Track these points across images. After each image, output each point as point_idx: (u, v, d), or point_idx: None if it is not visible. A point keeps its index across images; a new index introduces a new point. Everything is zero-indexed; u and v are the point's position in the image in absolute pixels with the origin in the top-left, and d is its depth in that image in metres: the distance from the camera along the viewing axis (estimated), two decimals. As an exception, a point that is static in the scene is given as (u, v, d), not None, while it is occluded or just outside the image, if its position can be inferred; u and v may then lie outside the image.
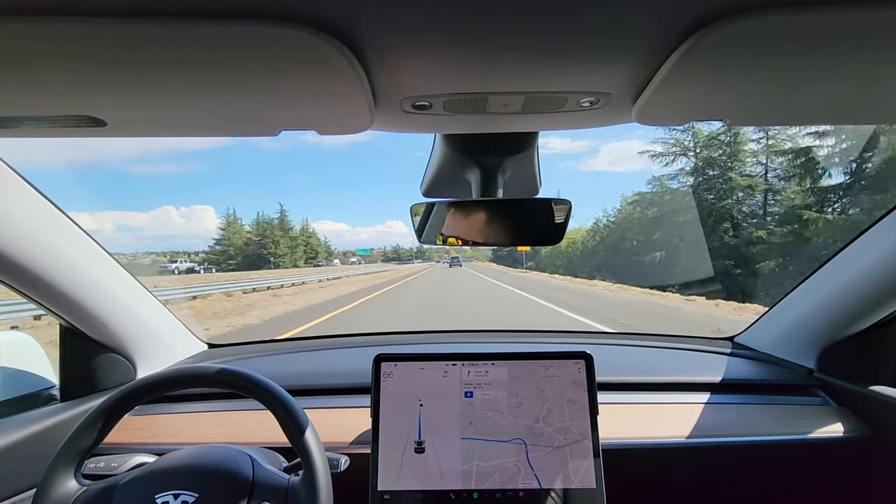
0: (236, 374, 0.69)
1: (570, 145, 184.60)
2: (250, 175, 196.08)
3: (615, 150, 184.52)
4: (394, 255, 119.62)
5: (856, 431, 0.95)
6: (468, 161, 0.80)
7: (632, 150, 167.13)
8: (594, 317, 8.65)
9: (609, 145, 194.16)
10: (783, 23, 0.37)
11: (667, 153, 21.74)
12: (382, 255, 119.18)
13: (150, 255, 66.46)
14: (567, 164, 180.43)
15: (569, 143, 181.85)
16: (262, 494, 0.65)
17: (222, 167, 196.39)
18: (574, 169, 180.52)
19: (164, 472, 0.67)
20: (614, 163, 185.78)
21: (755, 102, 0.53)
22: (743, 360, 1.21)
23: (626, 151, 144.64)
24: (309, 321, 8.80)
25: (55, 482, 0.63)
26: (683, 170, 21.62)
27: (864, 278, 0.92)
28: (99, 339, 0.97)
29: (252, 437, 0.89)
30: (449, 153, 0.79)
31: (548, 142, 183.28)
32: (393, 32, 0.40)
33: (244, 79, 0.45)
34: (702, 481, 1.01)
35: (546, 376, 0.86)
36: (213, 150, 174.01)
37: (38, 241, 0.78)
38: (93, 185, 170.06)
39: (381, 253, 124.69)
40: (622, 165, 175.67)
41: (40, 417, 0.86)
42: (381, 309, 10.94)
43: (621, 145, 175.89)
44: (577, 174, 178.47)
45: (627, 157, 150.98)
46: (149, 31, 0.37)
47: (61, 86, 0.46)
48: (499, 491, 0.79)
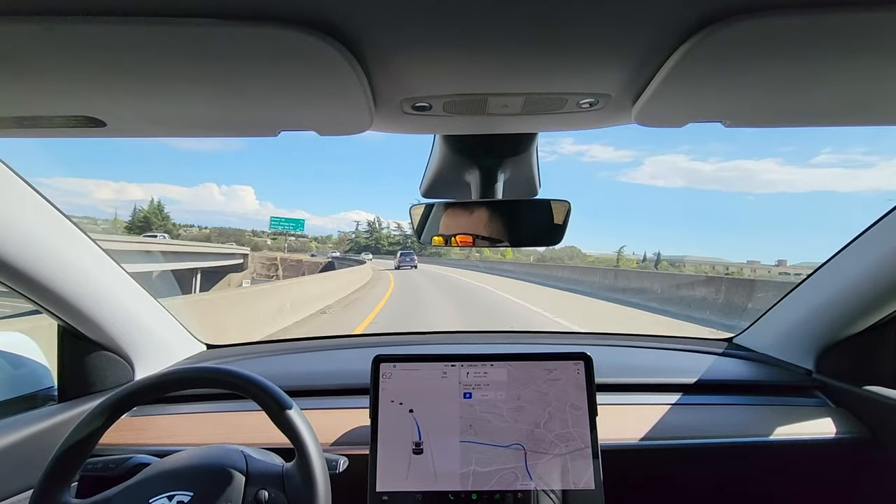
0: (231, 374, 0.69)
1: (613, 154, 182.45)
2: (286, 160, 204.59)
3: (659, 164, 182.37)
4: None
5: (853, 432, 0.95)
6: (468, 162, 0.80)
7: (676, 164, 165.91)
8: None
9: (653, 158, 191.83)
10: (783, 25, 0.37)
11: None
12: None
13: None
14: (606, 174, 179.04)
15: (611, 153, 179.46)
16: (258, 483, 0.66)
17: (261, 149, 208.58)
18: (612, 180, 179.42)
19: (155, 476, 0.66)
20: (656, 176, 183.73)
21: (755, 104, 0.53)
22: (742, 360, 1.22)
23: (671, 165, 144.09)
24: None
25: (46, 501, 0.62)
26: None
27: (862, 280, 0.92)
28: (97, 340, 0.96)
29: (250, 438, 0.89)
30: (448, 154, 0.79)
31: (589, 149, 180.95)
32: (393, 34, 0.40)
33: (244, 80, 0.45)
34: (701, 482, 1.01)
35: (550, 380, 0.86)
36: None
37: (35, 241, 0.78)
38: (143, 158, 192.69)
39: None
40: (664, 180, 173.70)
41: (38, 418, 0.86)
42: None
43: (666, 159, 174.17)
44: (614, 185, 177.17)
45: (671, 172, 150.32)
46: (148, 32, 0.37)
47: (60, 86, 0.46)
48: (497, 492, 0.79)
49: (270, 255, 40.76)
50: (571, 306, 11.57)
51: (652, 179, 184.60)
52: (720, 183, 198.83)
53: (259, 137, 0.61)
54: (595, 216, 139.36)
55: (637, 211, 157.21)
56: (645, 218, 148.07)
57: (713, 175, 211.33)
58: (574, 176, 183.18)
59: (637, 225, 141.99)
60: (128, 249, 16.15)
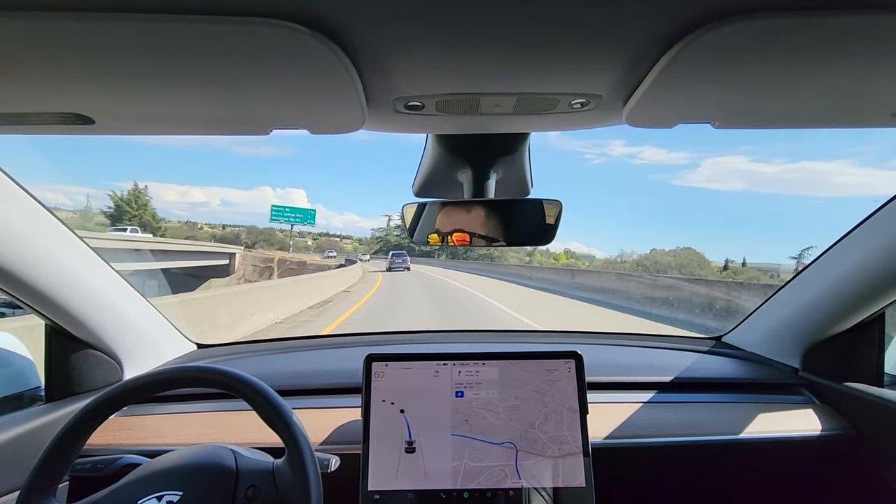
0: (222, 373, 0.68)
1: (667, 156, 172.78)
2: (337, 162, 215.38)
3: (717, 166, 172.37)
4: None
5: (838, 429, 0.97)
6: (460, 161, 0.81)
7: (736, 166, 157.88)
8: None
9: (711, 159, 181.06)
10: (772, 27, 0.38)
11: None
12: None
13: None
14: (659, 177, 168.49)
15: (664, 154, 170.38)
16: (248, 480, 0.65)
17: (315, 153, 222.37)
18: (666, 182, 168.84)
19: (145, 477, 0.66)
20: (712, 179, 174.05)
21: (744, 105, 0.54)
22: (730, 359, 1.23)
23: (729, 167, 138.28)
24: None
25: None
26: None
27: (848, 279, 0.94)
28: (85, 339, 0.95)
29: (241, 437, 0.88)
30: (441, 153, 0.80)
31: (640, 150, 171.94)
32: (385, 32, 0.40)
33: (234, 77, 0.45)
34: (689, 479, 1.02)
35: (549, 380, 0.86)
36: (304, 137, 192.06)
37: (21, 239, 0.77)
38: (203, 163, 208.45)
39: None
40: (721, 182, 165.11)
41: (24, 419, 0.85)
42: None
43: (725, 161, 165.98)
44: (668, 188, 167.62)
45: (729, 175, 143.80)
46: (137, 28, 0.36)
47: (47, 82, 0.45)
48: (489, 490, 0.80)
49: (267, 254, 33.49)
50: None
51: (709, 182, 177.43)
52: (784, 186, 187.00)
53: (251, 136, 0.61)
54: (650, 220, 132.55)
55: (693, 215, 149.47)
56: (703, 222, 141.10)
57: (777, 177, 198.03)
58: (622, 180, 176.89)
59: (698, 230, 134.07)
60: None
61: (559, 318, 9.67)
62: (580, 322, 9.30)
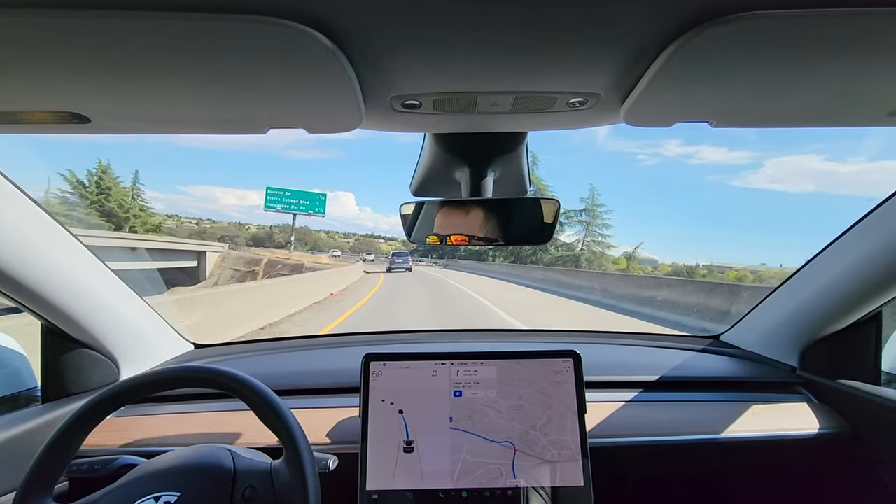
0: (219, 373, 0.68)
1: (726, 156, 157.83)
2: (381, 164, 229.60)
3: (783, 165, 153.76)
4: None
5: (835, 427, 0.98)
6: (458, 160, 0.81)
7: (805, 165, 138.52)
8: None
9: (776, 159, 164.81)
10: (770, 26, 0.38)
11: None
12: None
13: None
14: (715, 178, 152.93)
15: (724, 154, 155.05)
16: (246, 480, 0.65)
17: (357, 156, 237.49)
18: (723, 183, 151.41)
19: (142, 477, 0.65)
20: (777, 180, 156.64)
21: (742, 104, 0.54)
22: (728, 357, 1.24)
23: (797, 167, 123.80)
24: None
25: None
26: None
27: (845, 278, 0.94)
28: (81, 339, 0.95)
29: (238, 438, 0.88)
30: (438, 152, 0.79)
31: (697, 150, 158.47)
32: (382, 31, 0.40)
33: (231, 76, 0.45)
34: (687, 478, 1.02)
35: (557, 382, 0.86)
36: (350, 140, 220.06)
37: (17, 238, 0.76)
38: (259, 168, 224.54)
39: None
40: (787, 183, 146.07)
41: (20, 419, 0.84)
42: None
43: (793, 160, 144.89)
44: (726, 189, 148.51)
45: (797, 175, 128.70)
46: (133, 25, 0.36)
47: (42, 81, 0.45)
48: (487, 490, 0.80)
49: (253, 255, 25.78)
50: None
51: (772, 183, 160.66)
52: (857, 187, 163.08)
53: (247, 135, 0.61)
54: (707, 224, 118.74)
55: (753, 218, 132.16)
56: (763, 226, 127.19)
57: (852, 177, 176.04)
58: (678, 181, 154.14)
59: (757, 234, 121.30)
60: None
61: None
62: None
